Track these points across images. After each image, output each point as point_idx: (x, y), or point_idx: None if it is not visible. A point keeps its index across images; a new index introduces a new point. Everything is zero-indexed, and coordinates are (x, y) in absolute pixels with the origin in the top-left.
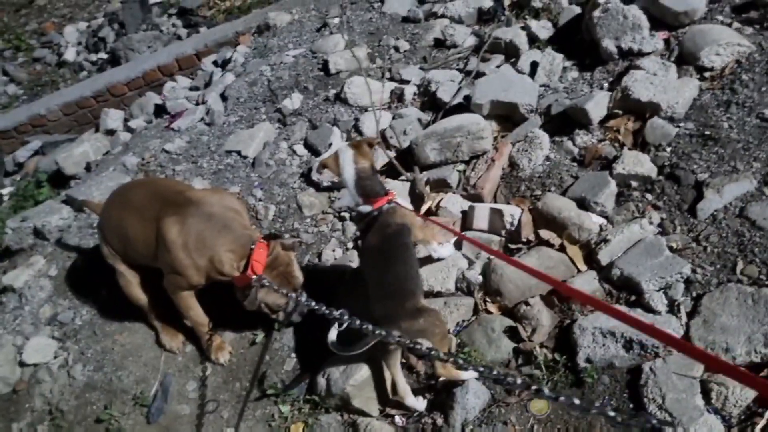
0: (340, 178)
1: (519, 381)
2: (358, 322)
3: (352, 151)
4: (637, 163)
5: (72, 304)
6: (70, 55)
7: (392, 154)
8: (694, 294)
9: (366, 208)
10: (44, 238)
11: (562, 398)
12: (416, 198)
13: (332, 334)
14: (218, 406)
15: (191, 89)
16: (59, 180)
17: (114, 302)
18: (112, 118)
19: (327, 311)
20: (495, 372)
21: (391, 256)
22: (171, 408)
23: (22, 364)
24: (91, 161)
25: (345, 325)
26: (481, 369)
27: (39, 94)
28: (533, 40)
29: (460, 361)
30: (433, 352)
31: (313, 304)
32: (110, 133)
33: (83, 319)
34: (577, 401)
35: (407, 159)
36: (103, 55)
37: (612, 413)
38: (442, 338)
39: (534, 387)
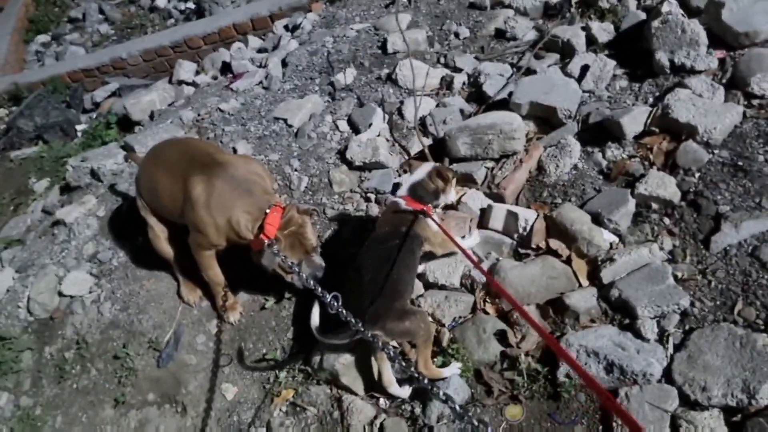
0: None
1: None
2: (344, 312)
3: (434, 171)
4: (661, 185)
5: (112, 246)
6: (161, 1)
7: (427, 141)
8: (687, 327)
9: (401, 202)
10: (99, 179)
11: None
12: None
13: (314, 318)
14: (230, 361)
15: (260, 51)
16: (127, 124)
17: (147, 250)
18: (185, 69)
19: (320, 292)
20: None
21: (395, 257)
22: (180, 356)
23: (60, 293)
24: (155, 110)
25: (335, 308)
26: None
27: (127, 37)
28: (591, 42)
29: None
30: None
31: (311, 282)
32: (182, 83)
33: (119, 260)
34: None
35: (440, 149)
36: (191, 5)
37: None
38: (426, 339)
39: None
